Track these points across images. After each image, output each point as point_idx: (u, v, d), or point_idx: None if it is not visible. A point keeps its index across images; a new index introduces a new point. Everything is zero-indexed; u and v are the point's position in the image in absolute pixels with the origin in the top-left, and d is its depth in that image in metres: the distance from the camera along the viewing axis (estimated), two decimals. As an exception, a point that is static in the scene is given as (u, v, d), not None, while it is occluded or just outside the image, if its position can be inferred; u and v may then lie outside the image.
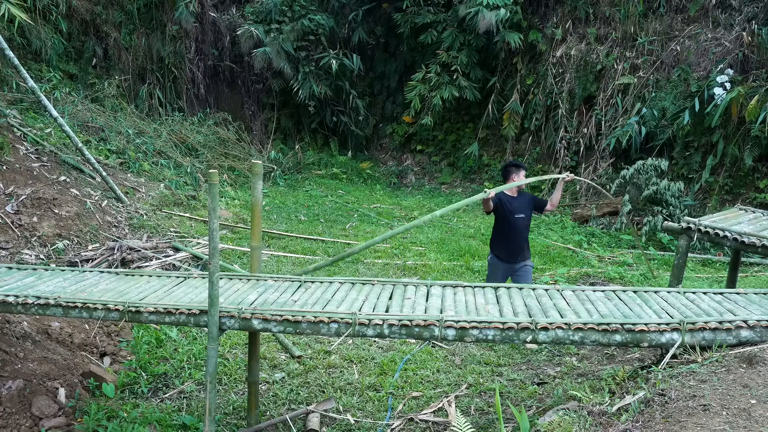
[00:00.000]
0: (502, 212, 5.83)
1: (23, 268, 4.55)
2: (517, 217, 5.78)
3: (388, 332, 3.46)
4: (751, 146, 9.33)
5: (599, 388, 3.77)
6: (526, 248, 5.92)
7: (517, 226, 5.79)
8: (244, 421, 4.38)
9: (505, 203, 5.80)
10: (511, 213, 5.77)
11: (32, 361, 4.69)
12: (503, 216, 5.81)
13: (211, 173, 3.52)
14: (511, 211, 5.78)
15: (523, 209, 5.82)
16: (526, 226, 5.87)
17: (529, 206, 5.87)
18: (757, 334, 3.27)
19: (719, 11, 10.67)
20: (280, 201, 10.98)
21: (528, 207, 5.86)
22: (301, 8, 12.92)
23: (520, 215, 5.79)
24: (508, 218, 5.78)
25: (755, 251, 4.66)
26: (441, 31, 12.56)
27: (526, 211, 5.83)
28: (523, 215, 5.81)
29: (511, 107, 12.39)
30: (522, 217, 5.80)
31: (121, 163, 9.88)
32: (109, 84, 11.30)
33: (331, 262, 6.18)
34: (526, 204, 5.86)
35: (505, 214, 5.80)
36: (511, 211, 5.78)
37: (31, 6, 10.05)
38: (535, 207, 5.94)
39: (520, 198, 5.85)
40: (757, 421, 2.55)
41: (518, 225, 5.80)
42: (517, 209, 5.80)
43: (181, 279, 4.38)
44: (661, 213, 9.20)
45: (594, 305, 3.65)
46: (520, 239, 5.83)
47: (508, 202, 5.80)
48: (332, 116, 13.91)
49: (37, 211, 7.19)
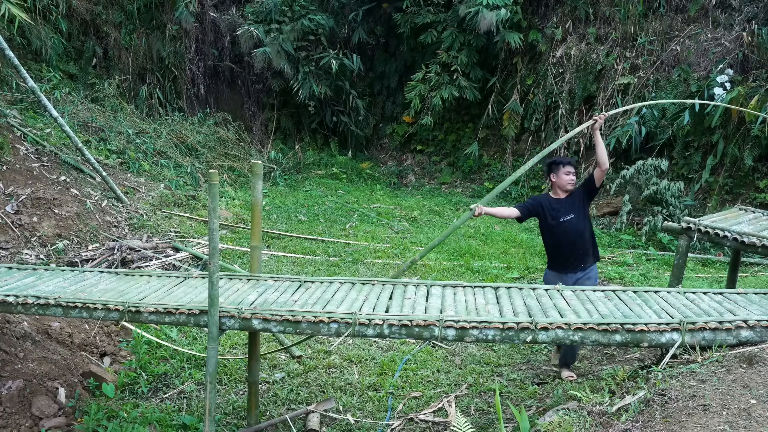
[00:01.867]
0: (544, 220, 5.01)
1: (23, 268, 4.55)
2: (564, 221, 4.90)
3: (388, 332, 3.46)
4: (751, 146, 9.33)
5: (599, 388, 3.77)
6: (587, 252, 4.99)
7: (568, 231, 4.89)
8: (244, 421, 4.38)
9: (546, 208, 4.97)
10: (556, 219, 4.92)
11: (32, 361, 4.69)
12: (547, 224, 4.98)
13: (211, 173, 3.52)
14: (555, 216, 4.93)
15: (571, 209, 4.92)
16: (581, 228, 4.92)
17: (579, 202, 4.96)
18: (757, 334, 3.27)
19: (719, 11, 10.67)
20: (280, 201, 10.98)
21: (579, 204, 4.95)
22: (301, 8, 12.91)
23: (568, 217, 4.90)
24: (553, 226, 4.94)
25: (755, 251, 4.66)
26: (441, 31, 12.55)
27: (577, 210, 4.93)
28: (572, 216, 4.90)
29: (511, 107, 12.38)
30: (571, 218, 4.89)
31: (121, 163, 9.88)
32: (109, 84, 11.30)
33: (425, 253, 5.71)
34: (574, 202, 4.96)
35: (549, 222, 4.97)
36: (555, 216, 4.93)
37: (31, 6, 10.05)
38: (587, 195, 5.01)
39: (566, 199, 4.96)
40: (757, 421, 2.55)
41: (569, 230, 4.89)
42: (563, 212, 4.92)
43: (181, 279, 4.38)
44: (661, 213, 9.20)
45: (594, 305, 3.65)
46: (575, 245, 4.92)
47: (549, 207, 4.96)
48: (332, 116, 13.91)
49: (37, 211, 7.19)
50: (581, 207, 4.94)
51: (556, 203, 4.95)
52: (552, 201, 4.97)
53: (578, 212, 4.91)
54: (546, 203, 4.97)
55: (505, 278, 7.33)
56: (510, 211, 5.02)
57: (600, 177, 4.90)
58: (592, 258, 5.00)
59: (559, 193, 4.97)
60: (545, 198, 5.03)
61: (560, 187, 4.95)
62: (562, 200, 4.96)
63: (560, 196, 4.97)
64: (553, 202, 4.96)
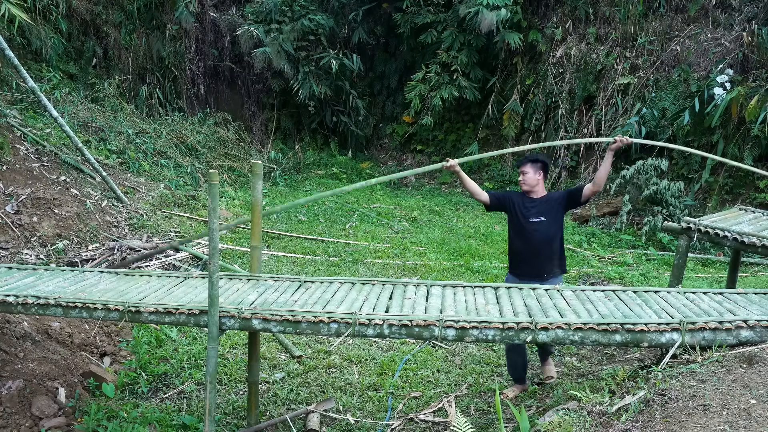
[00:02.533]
0: (512, 215, 4.69)
1: (23, 268, 4.55)
2: (533, 221, 4.57)
3: (388, 332, 3.46)
4: (751, 146, 9.33)
5: (599, 388, 3.77)
6: (552, 262, 4.61)
7: (535, 234, 4.55)
8: (244, 421, 4.38)
9: (517, 205, 4.65)
10: (525, 217, 4.59)
11: (32, 361, 4.69)
12: (515, 220, 4.67)
13: (211, 173, 3.52)
14: (524, 214, 4.60)
15: (544, 211, 4.58)
16: (550, 234, 4.57)
17: (555, 207, 4.61)
18: (757, 334, 3.27)
19: (719, 11, 10.67)
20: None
21: (554, 208, 4.61)
22: (301, 8, 12.91)
23: (538, 219, 4.57)
24: (520, 223, 4.63)
25: (755, 251, 4.66)
26: (441, 31, 12.55)
27: (550, 214, 4.58)
28: (543, 219, 4.56)
29: (511, 107, 12.39)
30: (541, 221, 4.56)
31: (121, 163, 9.88)
32: (109, 84, 11.30)
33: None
34: (550, 205, 4.62)
35: (517, 218, 4.65)
36: (524, 214, 4.60)
37: (31, 6, 10.05)
38: (568, 203, 4.69)
39: (543, 199, 4.66)
40: (757, 421, 2.55)
41: (536, 233, 4.55)
42: (534, 213, 4.59)
43: (181, 279, 4.38)
44: (661, 213, 9.20)
45: (594, 305, 3.65)
46: (539, 251, 4.56)
47: (520, 203, 4.66)
48: (332, 116, 13.91)
49: (37, 211, 7.19)
50: (556, 212, 4.61)
51: (529, 202, 4.66)
52: (525, 199, 4.68)
53: (551, 217, 4.59)
54: (518, 200, 4.67)
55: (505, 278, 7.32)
56: (481, 193, 4.73)
57: (590, 195, 4.57)
58: (558, 269, 4.63)
59: (537, 188, 4.68)
60: (518, 195, 4.73)
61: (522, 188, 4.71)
62: (536, 200, 4.65)
63: (534, 196, 4.67)
64: (527, 201, 4.67)
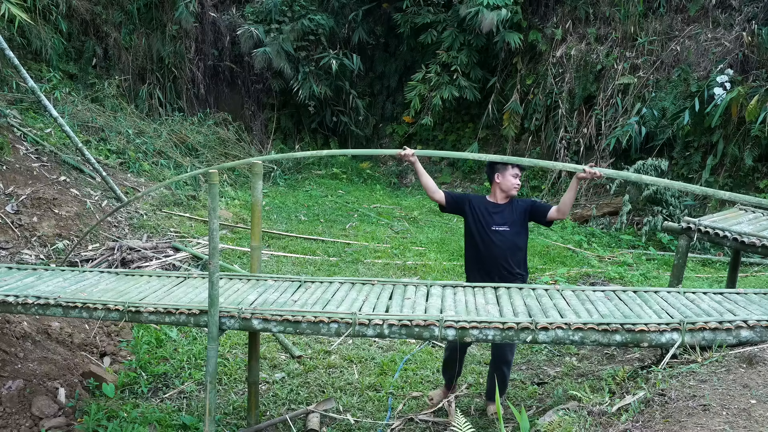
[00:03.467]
0: (473, 220, 4.27)
1: (23, 268, 4.55)
2: (495, 230, 4.19)
3: (388, 332, 3.46)
4: (751, 146, 9.33)
5: (599, 388, 3.77)
6: (513, 274, 4.23)
7: (496, 244, 4.18)
8: (244, 421, 4.38)
9: (477, 211, 4.26)
10: (487, 225, 4.20)
11: (32, 361, 4.69)
12: (473, 228, 4.26)
13: (211, 173, 3.52)
14: (487, 222, 4.21)
15: (507, 220, 4.21)
16: (513, 245, 4.22)
17: (520, 217, 4.24)
18: (757, 334, 3.27)
19: (719, 11, 10.67)
20: (280, 201, 10.98)
21: (519, 218, 4.24)
22: (301, 8, 12.91)
23: (501, 228, 4.19)
24: (480, 232, 4.22)
25: (755, 251, 4.66)
26: (441, 31, 12.55)
27: (515, 223, 4.22)
28: (507, 228, 4.19)
29: (511, 107, 12.38)
30: (505, 230, 4.19)
31: (121, 163, 9.88)
32: (109, 84, 11.30)
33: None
34: (515, 214, 4.24)
35: (478, 226, 4.24)
36: (487, 222, 4.21)
37: (31, 6, 10.05)
38: (532, 217, 4.29)
39: (507, 206, 4.27)
40: (757, 421, 2.55)
41: (497, 242, 4.18)
42: (497, 221, 4.20)
43: (181, 279, 4.38)
44: (661, 213, 9.20)
45: (594, 305, 3.65)
46: (498, 261, 4.19)
47: (483, 209, 4.26)
48: (332, 116, 13.91)
49: (37, 211, 7.19)
50: (521, 222, 4.26)
51: (493, 207, 4.27)
52: (489, 204, 4.29)
53: (516, 227, 4.23)
54: (479, 205, 4.28)
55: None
56: (436, 191, 4.35)
57: (554, 218, 4.24)
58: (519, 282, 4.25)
59: (498, 197, 4.29)
60: (480, 199, 4.34)
61: (504, 189, 4.26)
62: (500, 206, 4.27)
63: (499, 201, 4.30)
64: (490, 206, 4.27)
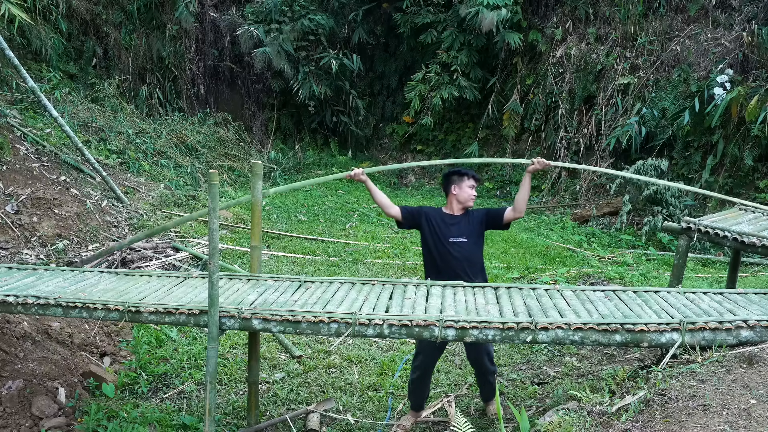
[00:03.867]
0: (430, 233, 4.25)
1: (23, 268, 4.55)
2: (453, 242, 4.18)
3: (388, 332, 3.46)
4: (751, 146, 9.33)
5: (599, 388, 3.77)
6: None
7: (454, 256, 4.18)
8: (244, 421, 4.38)
9: (433, 221, 4.25)
10: (444, 238, 4.19)
11: (32, 361, 4.69)
12: (431, 241, 4.24)
13: (211, 173, 3.52)
14: (444, 235, 4.20)
15: (464, 232, 4.20)
16: (471, 256, 4.22)
17: (476, 227, 4.24)
18: (757, 334, 3.27)
19: (719, 11, 10.67)
20: (280, 201, 10.98)
21: (476, 229, 4.24)
22: (301, 8, 12.91)
23: (459, 240, 4.19)
24: (437, 244, 4.21)
25: (755, 251, 4.66)
26: (441, 31, 12.56)
27: (472, 234, 4.21)
28: (465, 239, 4.19)
29: (511, 107, 12.39)
30: (462, 242, 4.19)
31: (121, 163, 9.88)
32: (109, 84, 11.30)
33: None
34: (471, 225, 4.24)
35: (434, 238, 4.22)
36: (444, 235, 4.20)
37: (31, 6, 10.04)
38: (489, 225, 4.30)
39: (462, 217, 4.26)
40: (757, 421, 2.55)
41: (455, 254, 4.18)
42: (454, 232, 4.19)
43: (181, 279, 4.38)
44: (661, 213, 9.20)
45: (594, 305, 3.65)
46: (457, 273, 4.17)
47: (439, 221, 4.24)
48: (332, 116, 13.91)
49: (37, 211, 7.19)
50: (478, 233, 4.26)
51: (450, 219, 4.24)
52: (445, 216, 4.26)
53: (473, 238, 4.22)
54: (436, 217, 4.26)
55: (505, 278, 7.33)
56: (391, 206, 4.31)
57: (511, 219, 4.24)
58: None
59: (455, 208, 4.27)
60: (436, 212, 4.31)
61: (461, 201, 4.25)
62: (457, 218, 4.26)
63: (456, 213, 4.27)
64: (447, 218, 4.25)
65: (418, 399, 4.43)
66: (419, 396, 4.42)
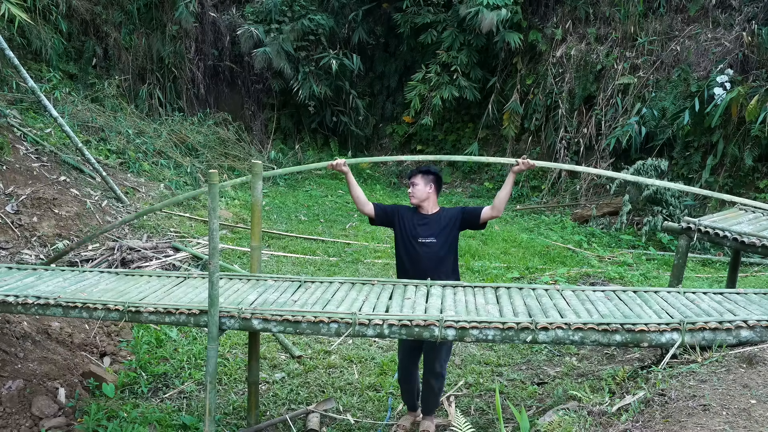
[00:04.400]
0: (400, 232, 4.18)
1: (23, 268, 4.55)
2: (421, 242, 4.10)
3: (388, 332, 3.46)
4: (751, 146, 9.33)
5: (599, 388, 3.77)
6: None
7: (422, 256, 4.10)
8: (244, 421, 4.38)
9: (404, 219, 4.17)
10: (414, 236, 4.11)
11: (32, 361, 4.69)
12: (403, 238, 4.18)
13: (211, 173, 3.52)
14: (413, 233, 4.12)
15: (435, 232, 4.10)
16: (441, 256, 4.12)
17: (448, 226, 4.12)
18: (757, 334, 3.27)
19: (719, 11, 10.67)
20: (280, 201, 10.98)
21: (447, 229, 4.11)
22: (301, 8, 12.91)
23: (428, 240, 4.09)
24: (407, 244, 4.15)
25: (755, 251, 4.66)
26: (441, 31, 12.55)
27: (442, 234, 4.10)
28: (434, 239, 4.09)
29: (511, 107, 12.39)
30: (431, 242, 4.09)
31: (121, 163, 9.88)
32: (109, 84, 11.29)
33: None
34: (442, 225, 4.11)
35: (404, 238, 4.16)
36: (413, 233, 4.12)
37: (31, 6, 10.04)
38: (464, 224, 4.18)
39: (433, 217, 4.16)
40: (757, 421, 2.55)
41: (423, 255, 4.10)
42: (423, 232, 4.10)
43: (181, 279, 4.38)
44: (661, 213, 9.20)
45: (594, 305, 3.65)
46: (428, 274, 4.07)
47: (409, 220, 4.16)
48: (332, 116, 13.90)
49: (37, 211, 7.19)
50: (449, 233, 4.13)
51: (419, 219, 4.17)
52: (416, 215, 4.19)
53: (443, 238, 4.11)
54: (407, 215, 4.19)
55: (505, 278, 7.33)
56: (366, 203, 4.26)
57: (488, 218, 4.13)
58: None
59: (424, 208, 4.19)
60: (410, 210, 4.24)
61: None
62: (427, 217, 4.16)
63: (428, 212, 4.18)
64: (417, 218, 4.18)
65: (408, 399, 4.43)
66: (408, 396, 4.41)
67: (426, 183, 4.17)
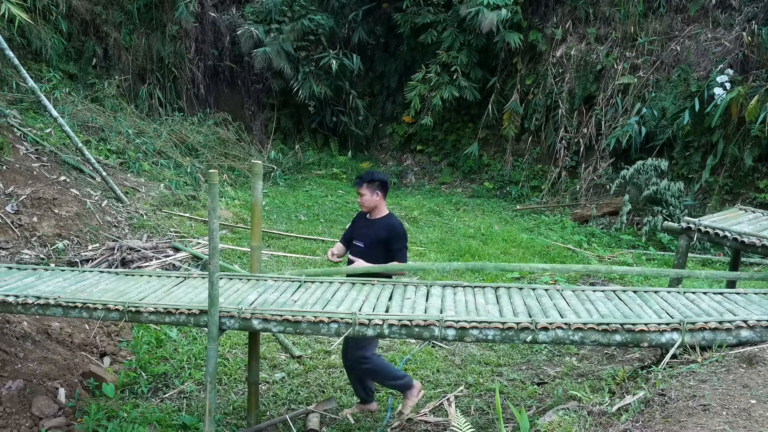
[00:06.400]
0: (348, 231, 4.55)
1: (23, 268, 4.55)
2: (355, 244, 4.39)
3: (388, 332, 3.46)
4: (751, 146, 9.34)
5: (599, 388, 3.77)
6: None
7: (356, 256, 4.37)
8: (244, 421, 4.38)
9: (354, 223, 4.53)
10: (353, 238, 4.45)
11: (32, 361, 4.69)
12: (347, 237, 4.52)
13: (211, 173, 3.52)
14: (353, 235, 4.45)
15: (366, 237, 4.33)
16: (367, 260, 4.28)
17: (380, 238, 4.29)
18: (757, 334, 3.27)
19: (719, 11, 10.67)
20: (280, 201, 10.98)
21: (378, 238, 4.29)
22: (301, 8, 12.91)
23: (360, 243, 4.35)
24: (351, 243, 4.45)
25: (755, 251, 4.67)
26: (441, 31, 12.55)
27: (372, 242, 4.29)
28: (362, 245, 4.32)
29: (511, 107, 12.39)
30: (361, 247, 4.33)
31: (121, 163, 9.88)
32: (109, 84, 11.29)
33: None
34: (377, 233, 4.30)
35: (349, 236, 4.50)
36: (353, 235, 4.45)
37: (31, 6, 10.04)
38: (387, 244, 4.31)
39: (373, 223, 4.38)
40: (757, 421, 2.55)
41: (356, 256, 4.36)
42: (359, 234, 4.39)
43: (181, 279, 4.38)
44: (661, 213, 9.20)
45: (594, 305, 3.65)
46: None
47: (357, 222, 4.50)
48: (332, 116, 13.90)
49: (37, 211, 7.19)
50: (377, 244, 4.29)
51: (363, 221, 4.43)
52: (363, 218, 4.46)
53: (372, 246, 4.29)
54: (357, 219, 4.51)
55: (505, 278, 7.33)
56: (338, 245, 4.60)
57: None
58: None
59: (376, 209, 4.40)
60: (362, 215, 4.50)
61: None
62: (368, 222, 4.40)
63: (373, 216, 4.40)
64: (362, 220, 4.45)
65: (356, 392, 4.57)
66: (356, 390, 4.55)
67: (372, 192, 4.36)
